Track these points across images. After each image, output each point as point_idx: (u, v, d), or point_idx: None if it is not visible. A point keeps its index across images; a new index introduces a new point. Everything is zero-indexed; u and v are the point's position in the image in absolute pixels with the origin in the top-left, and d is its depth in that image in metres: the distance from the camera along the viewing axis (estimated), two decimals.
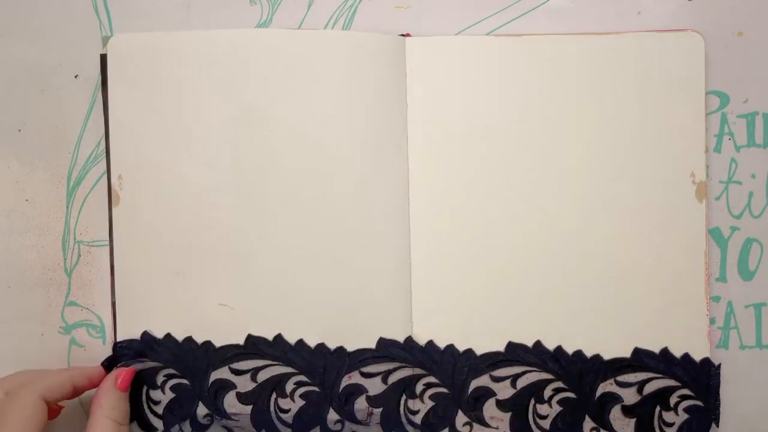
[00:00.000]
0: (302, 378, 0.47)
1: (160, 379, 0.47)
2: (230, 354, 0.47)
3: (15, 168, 0.48)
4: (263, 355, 0.47)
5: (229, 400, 0.47)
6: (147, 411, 0.47)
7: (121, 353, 0.47)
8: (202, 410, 0.47)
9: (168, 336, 0.47)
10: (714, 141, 0.48)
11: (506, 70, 0.47)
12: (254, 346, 0.46)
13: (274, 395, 0.47)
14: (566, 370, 0.47)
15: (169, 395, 0.47)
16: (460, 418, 0.47)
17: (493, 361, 0.47)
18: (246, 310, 0.47)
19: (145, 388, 0.47)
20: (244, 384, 0.47)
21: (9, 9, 0.48)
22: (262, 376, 0.47)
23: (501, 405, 0.47)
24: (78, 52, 0.48)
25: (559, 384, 0.47)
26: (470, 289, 0.47)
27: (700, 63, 0.47)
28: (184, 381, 0.47)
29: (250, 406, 0.47)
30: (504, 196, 0.47)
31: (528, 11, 0.48)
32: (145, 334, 0.47)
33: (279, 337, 0.46)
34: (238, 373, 0.47)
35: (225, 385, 0.47)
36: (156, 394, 0.47)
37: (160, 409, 0.47)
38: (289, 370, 0.47)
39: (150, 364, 0.47)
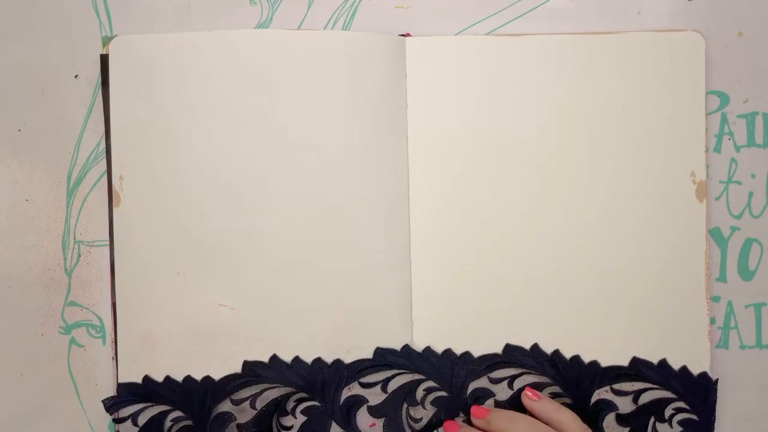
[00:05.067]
0: (302, 394, 0.46)
1: (167, 424, 0.46)
2: (230, 386, 0.46)
3: (15, 168, 0.48)
4: (261, 379, 0.46)
5: (232, 429, 0.46)
6: None
7: (125, 397, 0.46)
8: None
9: (168, 378, 0.46)
10: (714, 141, 0.48)
11: (506, 70, 0.47)
12: (252, 372, 0.46)
13: (275, 415, 0.46)
14: (563, 375, 0.47)
15: None
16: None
17: (490, 362, 0.47)
18: (245, 311, 0.46)
19: None
20: (246, 413, 0.46)
21: (9, 9, 0.48)
22: (260, 402, 0.46)
23: (499, 406, 0.47)
24: (78, 52, 0.48)
25: (556, 388, 0.47)
26: (470, 292, 0.47)
27: (700, 63, 0.47)
28: (190, 422, 0.46)
29: (255, 429, 0.46)
30: (504, 197, 0.47)
31: (528, 11, 0.48)
32: (146, 379, 0.46)
33: (275, 358, 0.46)
34: (238, 402, 0.46)
35: (228, 418, 0.46)
36: None
37: None
38: (288, 390, 0.46)
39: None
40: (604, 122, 0.47)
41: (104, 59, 0.47)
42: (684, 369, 0.46)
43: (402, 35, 0.47)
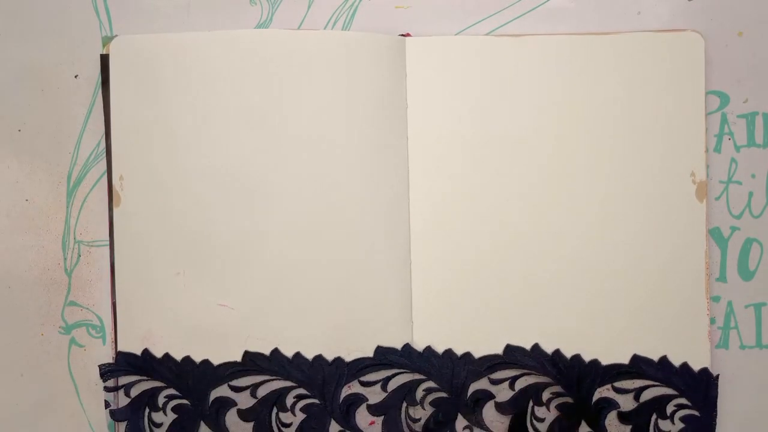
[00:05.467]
0: (302, 391, 0.46)
1: (161, 400, 0.47)
2: (229, 371, 0.46)
3: (15, 168, 0.48)
4: (261, 371, 0.46)
5: (230, 418, 0.47)
6: None
7: (122, 366, 0.47)
8: (204, 430, 0.47)
9: (167, 356, 0.47)
10: (714, 141, 0.48)
11: (506, 71, 0.47)
12: (252, 362, 0.46)
13: (275, 410, 0.46)
14: (564, 374, 0.47)
15: (171, 416, 0.47)
16: (460, 422, 0.47)
17: (491, 363, 0.47)
18: (246, 311, 0.46)
19: (147, 410, 0.47)
20: (245, 401, 0.47)
21: (9, 9, 0.48)
22: (262, 391, 0.47)
23: (500, 407, 0.47)
24: (78, 52, 0.48)
25: (558, 388, 0.47)
26: (470, 292, 0.47)
27: (700, 63, 0.47)
28: (185, 401, 0.47)
29: (252, 423, 0.47)
30: (504, 198, 0.47)
31: (528, 11, 0.48)
32: (146, 352, 0.47)
33: (276, 351, 0.46)
34: (237, 390, 0.47)
35: (226, 403, 0.47)
36: (158, 416, 0.47)
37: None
38: (288, 383, 0.46)
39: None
40: (604, 122, 0.47)
41: (104, 59, 0.47)
42: (685, 365, 0.46)
43: (402, 35, 0.47)
